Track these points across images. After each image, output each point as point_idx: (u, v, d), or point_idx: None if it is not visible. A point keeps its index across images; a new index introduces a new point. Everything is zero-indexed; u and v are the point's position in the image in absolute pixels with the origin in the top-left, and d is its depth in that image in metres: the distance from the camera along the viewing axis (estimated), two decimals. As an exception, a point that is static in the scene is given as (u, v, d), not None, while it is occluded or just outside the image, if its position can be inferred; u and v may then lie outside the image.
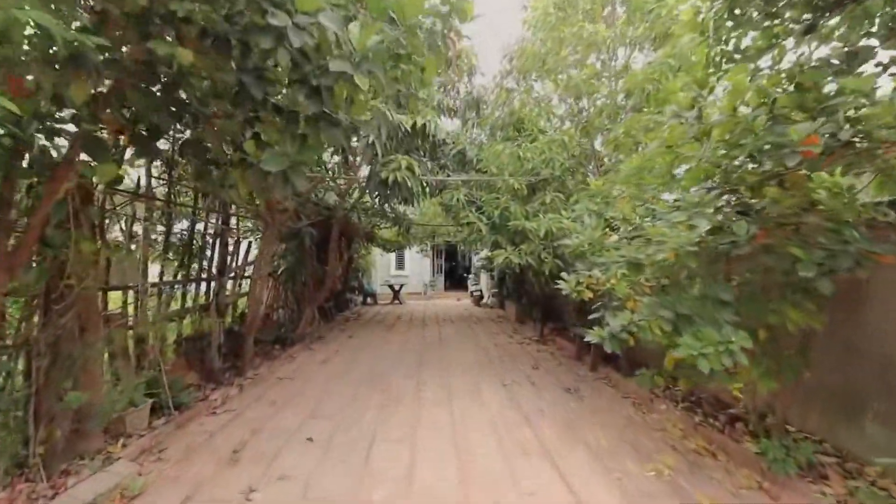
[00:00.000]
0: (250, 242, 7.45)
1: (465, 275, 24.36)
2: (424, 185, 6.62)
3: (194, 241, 5.92)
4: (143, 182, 4.81)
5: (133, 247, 4.76)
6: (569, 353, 7.72)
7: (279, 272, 8.13)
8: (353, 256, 13.85)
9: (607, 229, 3.98)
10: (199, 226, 5.96)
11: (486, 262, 16.85)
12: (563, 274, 4.10)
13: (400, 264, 20.13)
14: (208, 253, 5.99)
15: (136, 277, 4.86)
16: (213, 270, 6.02)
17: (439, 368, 6.65)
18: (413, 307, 15.93)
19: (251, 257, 7.02)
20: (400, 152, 5.03)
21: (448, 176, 7.24)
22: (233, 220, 6.84)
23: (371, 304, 16.56)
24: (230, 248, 6.78)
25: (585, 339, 3.50)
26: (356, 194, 8.37)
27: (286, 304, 9.39)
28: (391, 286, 16.83)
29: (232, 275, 6.79)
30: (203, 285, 6.01)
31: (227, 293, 6.41)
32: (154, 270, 6.05)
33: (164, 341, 5.22)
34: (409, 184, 4.36)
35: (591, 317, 4.56)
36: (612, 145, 4.54)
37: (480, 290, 15.99)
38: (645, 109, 4.47)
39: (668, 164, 3.03)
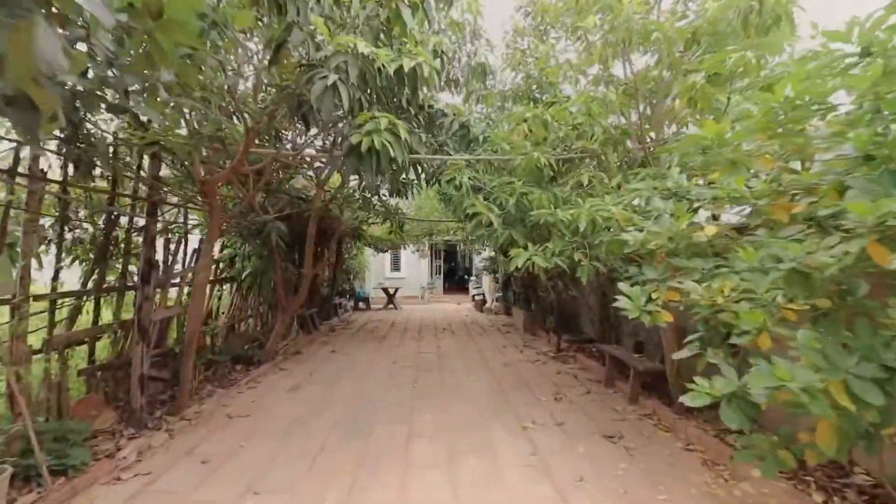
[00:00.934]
0: (201, 241, 6.03)
1: (466, 277, 22.95)
2: (420, 168, 5.20)
3: (114, 239, 4.50)
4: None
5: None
6: (595, 374, 6.31)
7: (242, 277, 6.71)
8: (340, 257, 12.43)
9: (692, 216, 2.57)
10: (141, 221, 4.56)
11: (488, 263, 15.46)
12: (623, 286, 2.68)
13: (395, 266, 18.71)
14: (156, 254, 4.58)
15: (9, 286, 3.45)
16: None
17: (437, 402, 5.23)
18: (409, 313, 14.51)
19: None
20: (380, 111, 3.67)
21: (448, 155, 5.83)
22: (185, 215, 5.43)
23: (363, 310, 15.14)
24: (169, 248, 5.35)
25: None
26: (335, 180, 6.96)
27: (256, 315, 7.97)
28: (385, 290, 15.41)
29: (173, 281, 5.35)
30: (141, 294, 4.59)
31: (158, 305, 4.99)
32: (73, 277, 4.64)
33: (58, 373, 3.80)
34: (393, 153, 2.95)
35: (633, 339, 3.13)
36: (688, 95, 3.14)
37: (483, 294, 14.58)
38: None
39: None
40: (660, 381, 5.26)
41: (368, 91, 3.25)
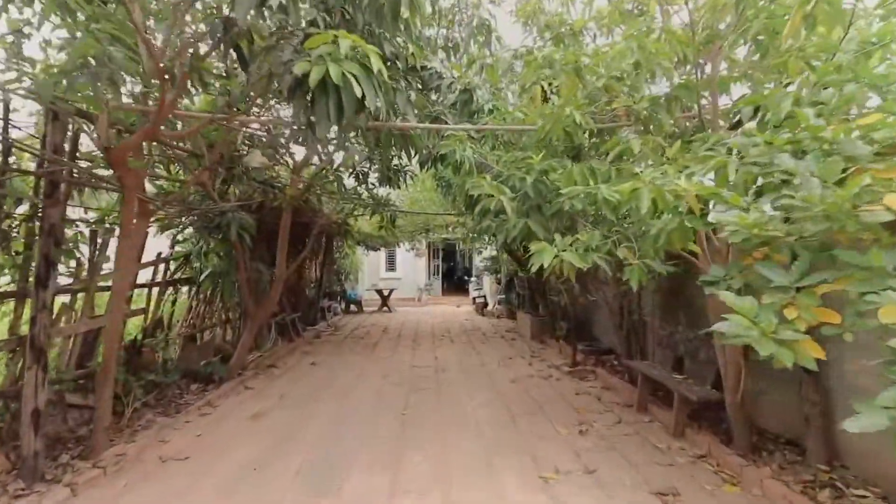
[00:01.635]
0: (146, 233, 4.95)
1: (466, 277, 21.89)
2: (412, 147, 4.15)
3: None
4: None
5: None
6: (622, 396, 5.27)
7: (201, 278, 5.64)
8: (328, 256, 11.38)
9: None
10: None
11: (490, 262, 14.41)
12: (729, 297, 1.63)
13: (391, 265, 17.64)
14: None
15: None
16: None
17: (432, 436, 4.17)
18: (404, 316, 13.44)
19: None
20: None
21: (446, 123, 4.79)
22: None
23: (355, 313, 14.07)
24: (97, 242, 4.27)
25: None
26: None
27: (224, 323, 6.89)
28: (379, 291, 14.34)
29: (101, 284, 4.28)
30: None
31: (81, 314, 3.93)
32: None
33: None
34: (362, 93, 1.91)
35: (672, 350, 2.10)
36: (802, 11, 2.09)
37: (484, 297, 13.52)
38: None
39: None
40: (709, 410, 4.22)
41: (329, 11, 2.21)
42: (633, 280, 2.69)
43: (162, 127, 3.01)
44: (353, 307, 14.21)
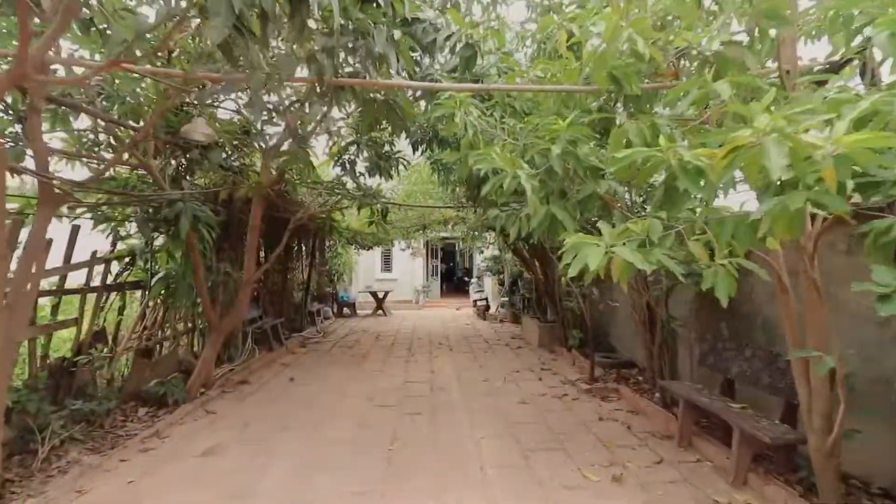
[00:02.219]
0: (77, 227, 4.05)
1: (466, 279, 20.99)
2: (395, 108, 3.26)
3: None
4: None
5: None
6: (655, 422, 4.39)
7: (152, 281, 4.74)
8: (316, 256, 10.49)
9: None
10: None
11: (492, 262, 13.51)
12: None
13: (387, 266, 16.73)
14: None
15: None
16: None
17: (424, 485, 3.27)
18: (400, 321, 12.54)
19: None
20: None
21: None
22: None
23: (348, 316, 13.17)
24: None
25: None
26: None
27: (189, 333, 5.99)
28: (373, 293, 13.44)
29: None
30: None
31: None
32: None
33: None
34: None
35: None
36: None
37: (486, 299, 12.62)
38: None
39: None
40: (779, 451, 3.33)
41: None
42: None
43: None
44: (345, 310, 13.31)
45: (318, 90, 2.70)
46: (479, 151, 2.61)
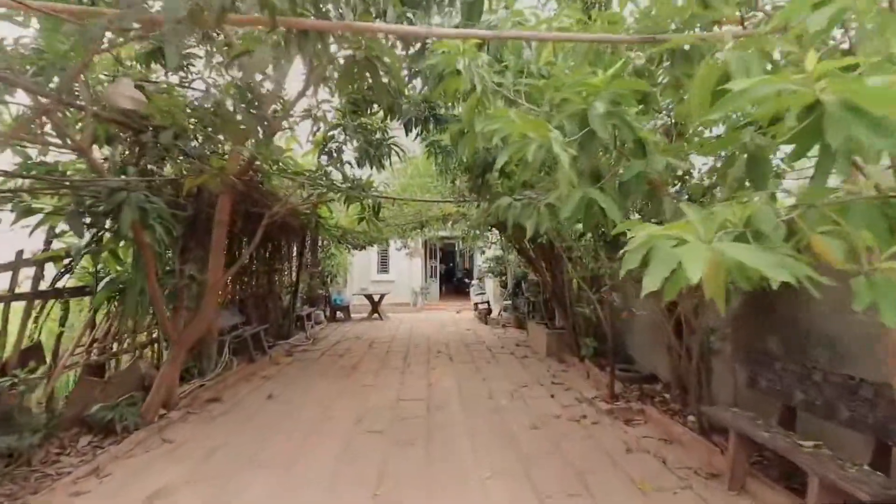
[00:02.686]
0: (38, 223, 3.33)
1: (467, 280, 20.28)
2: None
3: None
4: None
5: None
6: (692, 453, 3.68)
7: (98, 286, 4.02)
8: (305, 257, 9.78)
9: None
10: None
11: (493, 263, 12.80)
12: None
13: (383, 267, 16.00)
14: None
15: None
16: None
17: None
18: (397, 325, 11.83)
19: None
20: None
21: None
22: None
23: (342, 321, 12.45)
24: None
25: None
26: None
27: (152, 344, 5.28)
28: (369, 296, 12.71)
29: None
30: None
31: None
32: None
33: None
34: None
35: None
36: None
37: (488, 302, 11.90)
38: None
39: None
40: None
41: None
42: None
43: None
44: (339, 314, 12.59)
45: (270, 34, 1.99)
46: (493, 112, 1.90)
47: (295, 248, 9.65)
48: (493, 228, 7.90)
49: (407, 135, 4.18)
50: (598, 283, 6.45)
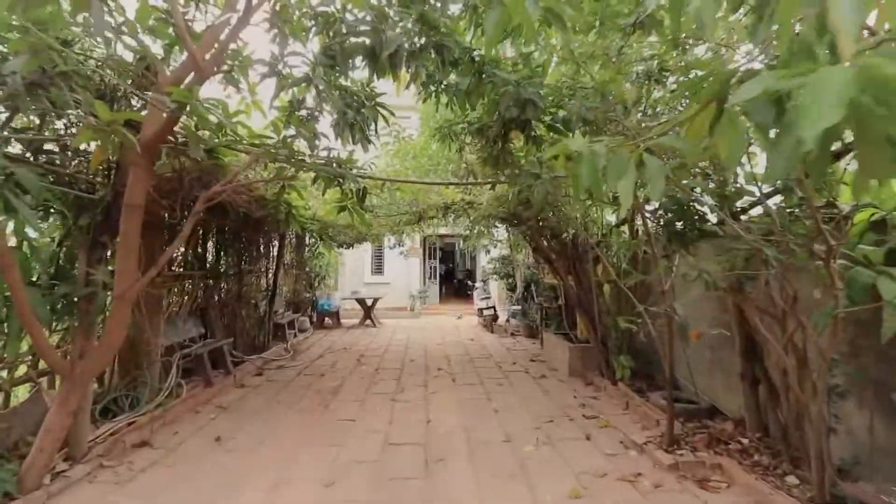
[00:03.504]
0: None
1: (469, 282, 19.02)
2: None
3: None
4: None
5: None
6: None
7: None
8: (284, 254, 8.52)
9: None
10: None
11: (499, 264, 11.54)
12: None
13: (378, 267, 14.70)
14: None
15: None
16: None
17: None
18: (391, 333, 10.56)
19: None
20: None
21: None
22: None
23: (330, 328, 11.17)
24: None
25: None
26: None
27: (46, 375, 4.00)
28: (361, 300, 11.43)
29: None
30: None
31: None
32: None
33: None
34: None
35: None
36: None
37: (493, 308, 10.63)
38: None
39: None
40: None
41: None
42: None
43: None
44: (327, 321, 11.32)
45: None
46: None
47: (274, 247, 8.37)
48: (504, 222, 6.63)
49: (396, 76, 2.90)
50: (644, 290, 5.19)
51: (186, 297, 6.11)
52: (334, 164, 3.96)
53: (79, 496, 3.10)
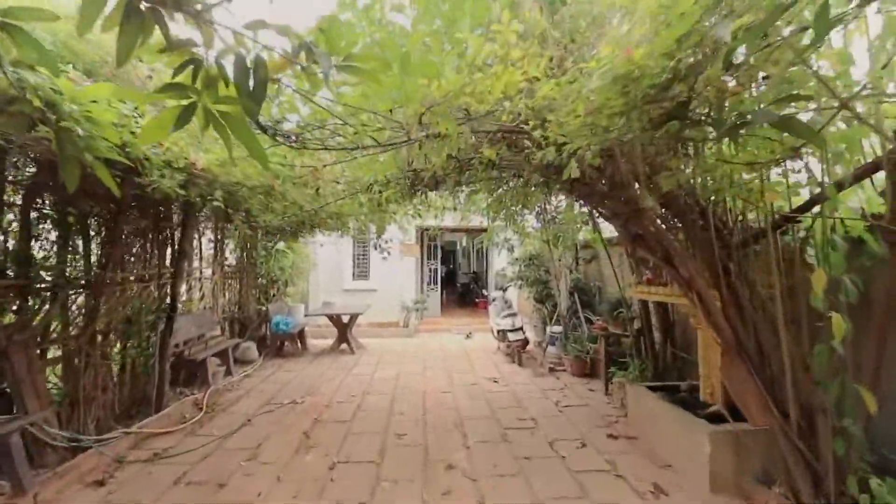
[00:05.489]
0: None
1: (475, 286, 15.89)
2: None
3: None
4: None
5: None
6: None
7: None
8: (187, 247, 5.44)
9: None
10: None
11: (523, 266, 8.46)
12: None
13: (362, 270, 11.51)
14: None
15: None
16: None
17: None
18: (374, 365, 7.44)
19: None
20: None
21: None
22: None
23: (291, 355, 8.02)
24: None
25: None
26: None
27: None
28: (332, 317, 8.25)
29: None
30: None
31: None
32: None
33: None
34: None
35: None
36: None
37: (522, 329, 7.49)
38: None
39: None
40: None
41: None
42: None
43: None
44: (286, 346, 8.17)
45: None
46: None
47: (164, 235, 5.23)
48: (573, 189, 3.57)
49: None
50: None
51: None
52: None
53: None
